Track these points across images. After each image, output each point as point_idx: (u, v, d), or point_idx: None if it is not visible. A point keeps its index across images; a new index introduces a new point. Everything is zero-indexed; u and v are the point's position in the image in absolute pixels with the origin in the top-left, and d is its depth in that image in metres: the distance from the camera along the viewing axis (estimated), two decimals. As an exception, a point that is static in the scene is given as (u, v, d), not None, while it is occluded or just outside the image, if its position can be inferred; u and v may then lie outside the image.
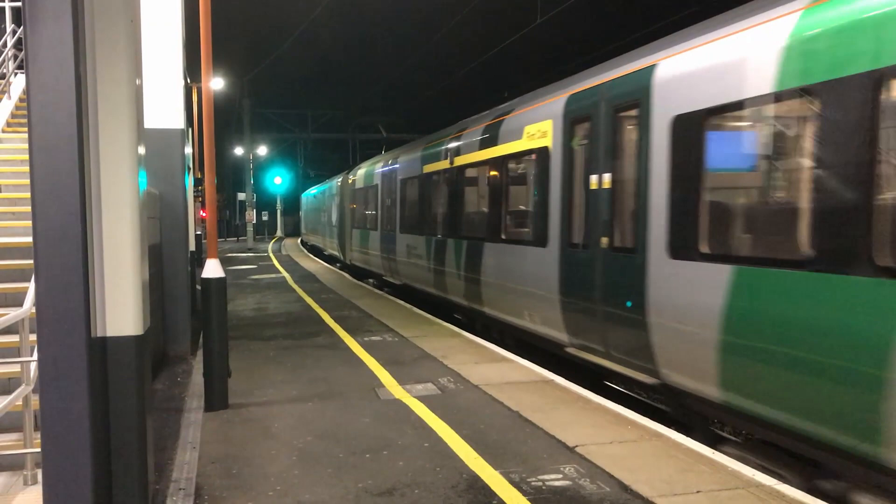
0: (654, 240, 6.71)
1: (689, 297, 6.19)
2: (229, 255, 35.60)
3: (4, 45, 12.93)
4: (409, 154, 16.47)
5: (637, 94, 7.11)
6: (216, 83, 27.65)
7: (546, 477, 5.26)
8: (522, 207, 10.07)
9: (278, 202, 60.44)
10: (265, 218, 62.82)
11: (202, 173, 18.53)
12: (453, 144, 12.99)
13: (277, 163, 60.91)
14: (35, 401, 5.04)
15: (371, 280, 21.65)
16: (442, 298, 13.72)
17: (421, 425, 6.55)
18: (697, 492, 4.92)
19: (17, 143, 10.64)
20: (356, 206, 23.12)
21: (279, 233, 60.73)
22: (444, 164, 13.39)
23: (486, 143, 11.22)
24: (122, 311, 3.97)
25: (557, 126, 8.80)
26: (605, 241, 7.64)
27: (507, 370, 8.68)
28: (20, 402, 5.12)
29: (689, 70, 6.34)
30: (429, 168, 14.44)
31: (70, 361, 3.68)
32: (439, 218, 13.63)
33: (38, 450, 4.23)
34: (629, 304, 7.08)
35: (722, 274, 5.78)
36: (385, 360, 9.31)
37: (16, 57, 13.10)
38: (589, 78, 8.37)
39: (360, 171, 22.87)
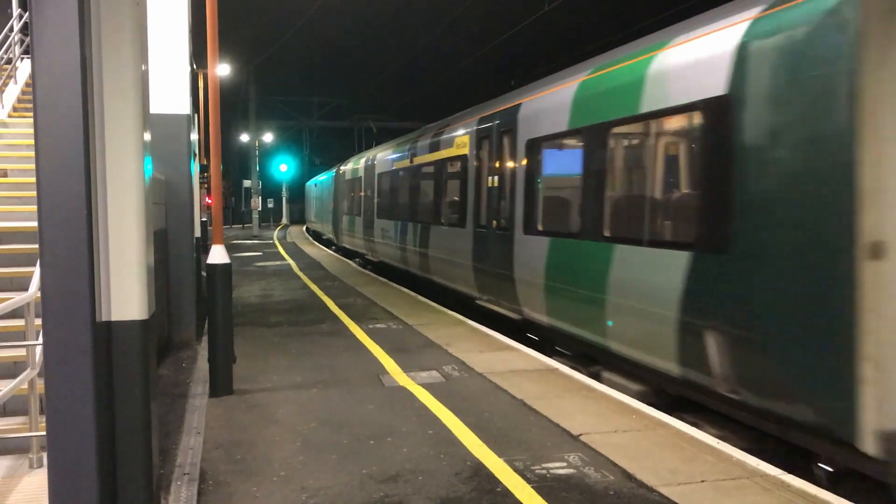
0: (517, 222, 9.79)
1: (532, 258, 9.29)
2: (234, 241, 35.65)
3: (11, 29, 12.92)
4: (384, 152, 19.88)
5: (511, 124, 10.22)
6: (222, 69, 27.60)
7: (550, 465, 5.26)
8: (454, 198, 12.99)
9: (284, 190, 60.43)
10: (270, 205, 62.85)
11: (208, 160, 18.54)
12: (413, 147, 16.22)
13: (283, 150, 60.89)
14: (40, 384, 5.04)
15: (357, 259, 24.36)
16: (405, 271, 17.01)
17: (425, 413, 6.56)
18: (702, 481, 4.92)
19: (24, 128, 10.64)
20: (346, 195, 26.53)
21: (284, 220, 60.77)
22: (406, 163, 16.65)
23: (433, 148, 14.51)
24: (127, 296, 3.96)
25: (472, 140, 12.03)
26: (494, 223, 10.74)
27: (512, 358, 8.68)
28: (25, 386, 5.14)
29: (533, 110, 9.53)
30: (396, 165, 17.66)
31: (75, 345, 3.68)
32: (403, 206, 16.84)
33: (44, 433, 4.24)
34: (504, 265, 10.23)
35: (545, 242, 8.95)
36: (389, 348, 9.32)
37: (22, 41, 13.09)
38: (491, 107, 11.55)
39: (349, 165, 26.56)
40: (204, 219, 19.56)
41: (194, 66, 14.15)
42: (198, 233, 12.15)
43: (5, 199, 8.71)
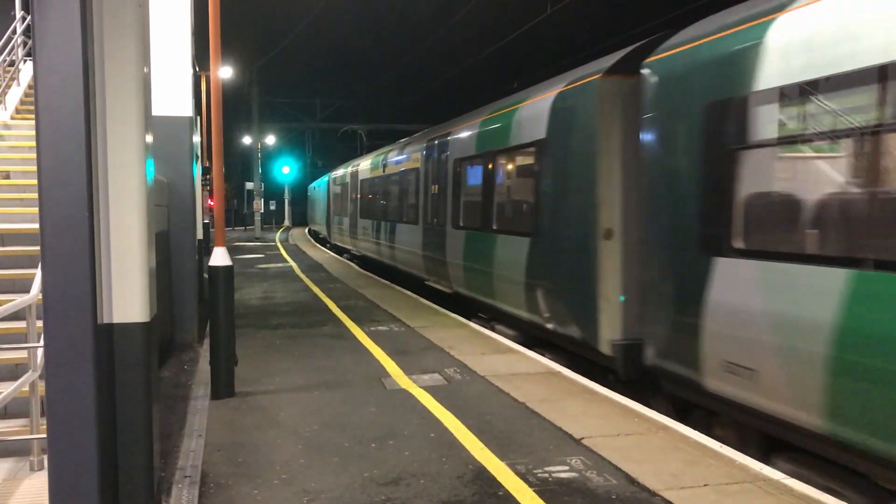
0: (448, 219, 13.08)
1: (457, 246, 12.46)
2: (237, 243, 35.66)
3: (14, 31, 12.94)
4: (364, 162, 23.88)
5: (445, 146, 13.56)
6: (224, 71, 27.63)
7: (552, 468, 5.24)
8: (411, 202, 16.27)
9: (286, 192, 60.44)
10: (273, 207, 62.85)
11: (210, 162, 18.63)
12: (385, 158, 19.71)
13: (286, 152, 60.92)
14: (41, 387, 5.03)
15: (345, 255, 27.95)
16: (379, 262, 20.49)
17: (427, 415, 6.54)
18: (705, 485, 4.90)
19: (26, 130, 10.65)
20: (336, 198, 30.80)
21: (287, 222, 60.79)
22: (379, 172, 20.33)
23: (398, 161, 17.99)
24: (128, 298, 3.96)
25: (422, 156, 15.42)
26: (435, 220, 14.03)
27: (514, 361, 8.67)
28: (27, 388, 5.13)
29: (458, 137, 12.85)
30: (373, 174, 21.47)
31: (77, 348, 3.67)
32: (377, 208, 20.57)
33: (45, 436, 4.23)
34: (441, 252, 13.46)
35: (463, 234, 12.15)
36: (391, 350, 9.31)
37: (25, 44, 13.11)
38: (436, 131, 14.77)
39: (339, 172, 30.68)
40: (206, 221, 19.57)
41: (196, 69, 14.14)
42: (200, 235, 12.15)
43: (7, 201, 8.71)
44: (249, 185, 51.25)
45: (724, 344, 5.87)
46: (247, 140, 50.76)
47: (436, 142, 14.41)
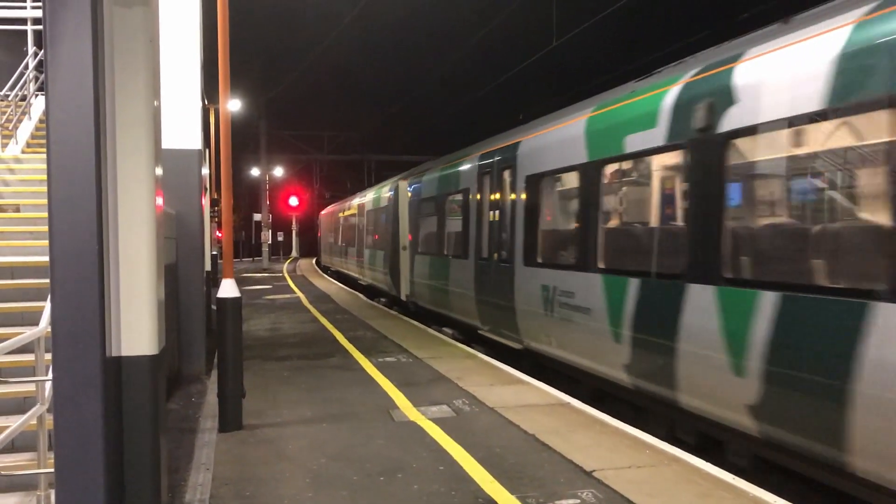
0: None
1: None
2: (245, 274, 35.71)
3: (26, 66, 13.12)
4: (347, 201, 32.25)
5: (393, 190, 19.78)
6: (233, 104, 27.91)
7: (563, 502, 5.17)
8: (375, 233, 22.69)
9: (294, 223, 60.65)
10: (280, 238, 63.03)
11: (219, 194, 18.77)
12: (363, 197, 26.47)
13: (293, 183, 61.19)
14: (49, 420, 5.02)
15: (330, 270, 37.05)
16: (354, 278, 27.91)
17: (436, 448, 6.48)
18: (718, 518, 4.82)
19: (36, 164, 10.75)
20: (326, 230, 40.02)
21: (294, 253, 60.91)
22: (354, 210, 27.79)
23: (370, 199, 24.34)
24: (137, 331, 3.96)
25: (395, 193, 19.29)
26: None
27: (523, 392, 8.60)
28: (34, 422, 5.11)
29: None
30: (349, 210, 29.38)
31: (85, 381, 3.67)
32: (355, 238, 27.27)
33: (52, 470, 4.20)
34: (397, 272, 19.10)
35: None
36: (399, 382, 9.26)
37: (37, 79, 13.27)
38: (382, 184, 23.10)
39: (328, 209, 41.15)
40: (214, 252, 19.64)
41: (205, 102, 14.29)
42: (208, 266, 12.18)
43: (18, 234, 8.76)
44: (257, 217, 51.42)
45: (417, 287, 16.34)
46: (255, 172, 51.06)
47: (394, 185, 20.13)
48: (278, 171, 54.68)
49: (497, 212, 11.31)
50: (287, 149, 52.69)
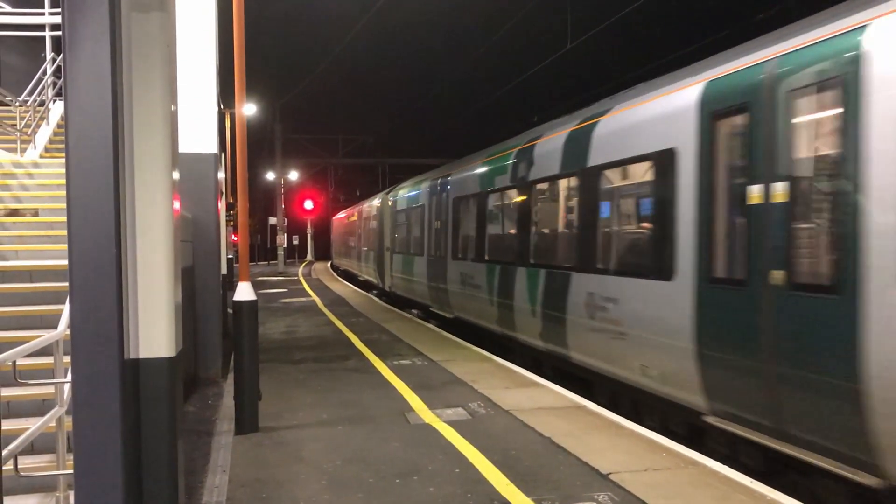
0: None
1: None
2: (260, 278, 35.86)
3: (44, 72, 13.24)
4: (352, 208, 36.98)
5: (383, 201, 25.01)
6: (249, 109, 28.09)
7: (579, 504, 5.15)
8: (371, 236, 26.83)
9: (309, 226, 60.86)
10: (296, 242, 63.20)
11: (235, 198, 18.97)
12: (361, 206, 31.45)
13: (308, 187, 61.38)
14: (68, 422, 5.06)
15: (340, 269, 42.35)
16: (355, 275, 33.50)
17: (451, 450, 6.48)
18: (735, 522, 4.79)
19: (55, 168, 10.83)
20: (337, 234, 45.72)
21: (309, 256, 61.11)
22: (355, 217, 33.23)
23: (369, 207, 28.71)
24: (154, 334, 3.99)
25: (381, 204, 24.63)
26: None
27: (538, 395, 8.59)
28: (53, 424, 5.15)
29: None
30: (354, 216, 33.81)
31: (103, 383, 3.70)
32: (356, 241, 32.47)
33: (71, 471, 4.24)
34: (381, 268, 24.93)
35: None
36: (415, 385, 9.26)
37: (55, 84, 13.39)
38: (374, 196, 29.39)
39: (338, 216, 46.15)
40: (230, 256, 19.73)
41: (222, 106, 14.37)
42: (224, 270, 12.23)
43: (36, 238, 8.84)
44: (273, 220, 51.67)
45: (395, 279, 21.45)
46: (270, 176, 51.27)
47: (384, 196, 25.99)
48: (293, 175, 54.83)
49: (439, 221, 16.09)
50: (302, 152, 52.82)
